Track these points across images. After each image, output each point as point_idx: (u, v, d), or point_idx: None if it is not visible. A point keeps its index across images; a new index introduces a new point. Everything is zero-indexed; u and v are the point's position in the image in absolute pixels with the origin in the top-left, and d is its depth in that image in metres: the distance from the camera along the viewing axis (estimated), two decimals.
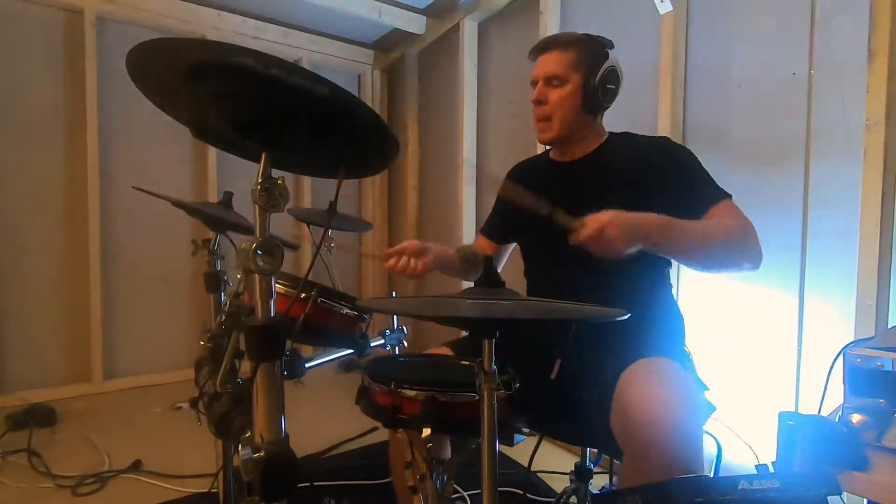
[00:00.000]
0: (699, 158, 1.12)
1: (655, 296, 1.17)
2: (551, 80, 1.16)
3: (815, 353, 1.44)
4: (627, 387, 0.91)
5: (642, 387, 0.89)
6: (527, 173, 1.38)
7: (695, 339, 1.20)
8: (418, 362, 1.07)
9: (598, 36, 1.18)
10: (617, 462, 1.19)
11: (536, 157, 1.45)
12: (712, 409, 1.02)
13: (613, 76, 1.15)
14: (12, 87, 2.47)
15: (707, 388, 1.04)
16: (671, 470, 0.81)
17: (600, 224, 0.88)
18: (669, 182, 1.08)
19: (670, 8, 1.72)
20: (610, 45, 1.17)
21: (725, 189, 1.07)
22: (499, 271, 1.42)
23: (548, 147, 1.33)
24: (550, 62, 1.16)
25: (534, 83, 1.20)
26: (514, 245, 1.41)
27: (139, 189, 1.41)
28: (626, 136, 1.23)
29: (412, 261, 1.14)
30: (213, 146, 0.91)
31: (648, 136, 1.22)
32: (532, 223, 1.28)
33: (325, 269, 1.94)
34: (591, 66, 1.13)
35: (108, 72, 2.62)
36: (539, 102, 1.18)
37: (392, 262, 1.14)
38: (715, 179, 1.09)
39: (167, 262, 2.85)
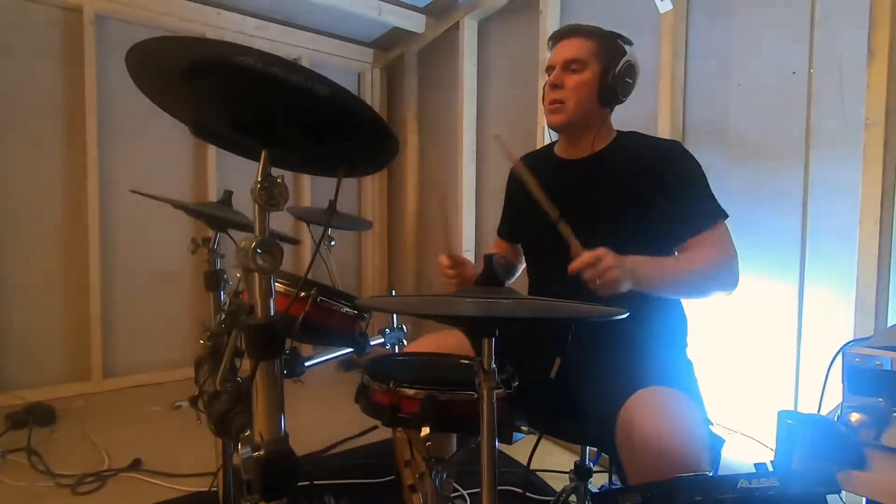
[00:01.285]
0: (703, 161, 1.12)
1: (658, 297, 1.17)
2: (570, 65, 1.14)
3: (815, 351, 1.44)
4: (635, 417, 0.87)
5: (651, 425, 0.85)
6: (532, 166, 1.36)
7: (694, 337, 1.20)
8: (417, 361, 1.07)
9: (620, 34, 1.19)
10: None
11: (541, 150, 1.43)
12: (713, 441, 0.96)
13: (631, 70, 1.15)
14: (11, 86, 2.46)
15: (711, 423, 0.99)
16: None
17: (595, 254, 0.89)
18: (671, 194, 1.08)
19: (670, 7, 1.72)
20: (629, 42, 1.17)
21: (727, 186, 1.07)
22: (519, 272, 1.42)
23: (553, 140, 1.32)
24: (572, 47, 1.15)
25: (549, 69, 1.19)
26: None
27: (138, 192, 1.41)
28: (635, 137, 1.21)
29: (454, 278, 1.16)
30: (213, 144, 0.91)
31: (658, 139, 1.21)
32: (534, 226, 1.28)
33: (324, 267, 1.94)
34: (611, 57, 1.13)
35: (107, 70, 2.62)
36: (555, 86, 1.16)
37: (446, 262, 1.16)
38: (717, 179, 1.10)
39: (167, 260, 2.85)
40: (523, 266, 1.41)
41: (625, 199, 1.11)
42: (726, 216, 1.09)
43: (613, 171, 1.15)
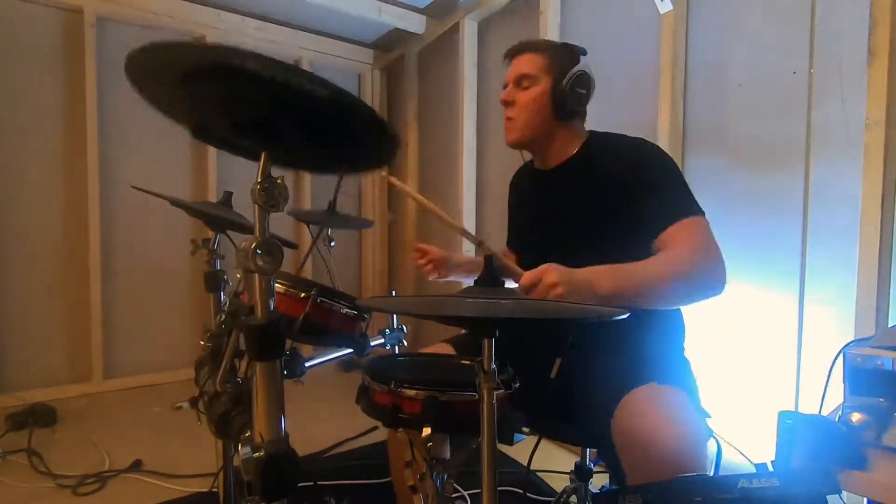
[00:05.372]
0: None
1: None
2: (521, 81, 1.15)
3: (816, 352, 1.44)
4: (631, 416, 0.88)
5: (648, 422, 0.86)
6: (521, 180, 1.37)
7: (695, 339, 1.20)
8: (418, 362, 1.07)
9: (572, 44, 1.18)
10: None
11: (529, 159, 1.39)
12: (710, 434, 0.98)
13: (584, 80, 1.14)
14: (12, 88, 2.47)
15: (709, 416, 0.99)
16: None
17: (536, 274, 0.86)
18: (640, 189, 1.04)
19: (670, 7, 1.72)
20: (583, 51, 1.16)
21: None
22: None
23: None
24: (523, 63, 1.16)
25: (505, 86, 1.19)
26: None
27: (139, 189, 1.41)
28: (606, 138, 1.19)
29: (430, 266, 1.30)
30: (212, 146, 0.91)
31: (627, 138, 1.16)
32: (525, 234, 1.28)
33: (324, 268, 1.94)
34: (561, 69, 1.13)
35: (107, 72, 2.62)
36: (507, 104, 1.17)
37: (416, 255, 1.31)
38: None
39: (167, 261, 2.85)
40: None
41: (602, 199, 1.09)
42: (702, 213, 1.03)
43: (588, 175, 1.12)
